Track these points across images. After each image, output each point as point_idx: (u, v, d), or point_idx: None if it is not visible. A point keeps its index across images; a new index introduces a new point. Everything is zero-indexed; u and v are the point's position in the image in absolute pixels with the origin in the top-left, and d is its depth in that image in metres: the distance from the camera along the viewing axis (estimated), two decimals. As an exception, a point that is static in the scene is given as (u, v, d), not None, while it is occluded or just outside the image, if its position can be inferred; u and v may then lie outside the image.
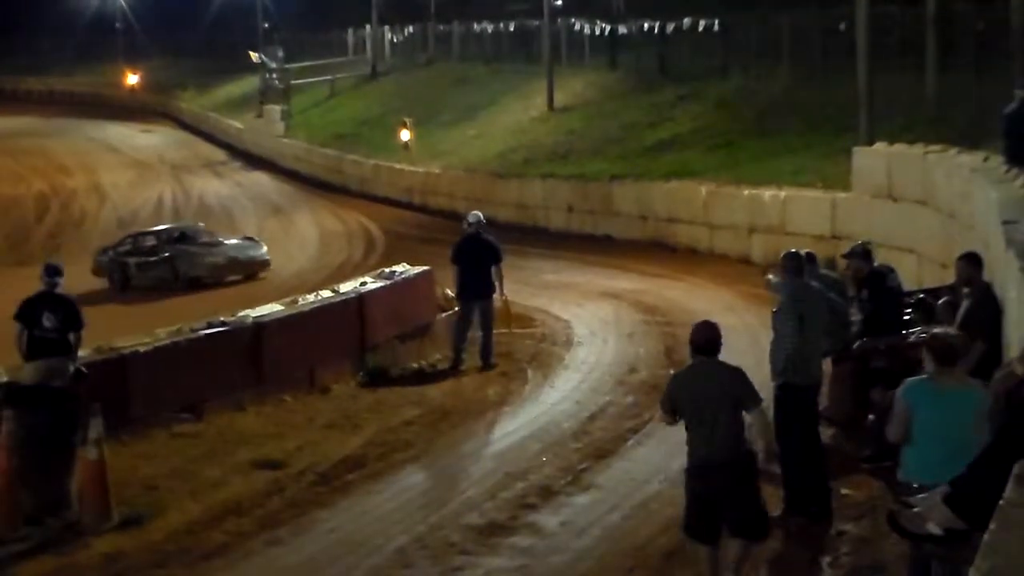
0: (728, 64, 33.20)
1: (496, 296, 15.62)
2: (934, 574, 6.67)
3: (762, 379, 10.83)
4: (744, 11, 33.42)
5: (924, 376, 6.56)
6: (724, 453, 7.38)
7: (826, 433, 10.43)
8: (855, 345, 10.52)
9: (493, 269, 15.44)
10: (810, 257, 11.10)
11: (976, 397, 6.30)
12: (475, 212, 16.78)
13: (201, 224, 30.24)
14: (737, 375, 7.54)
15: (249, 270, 26.87)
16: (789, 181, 23.18)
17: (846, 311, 10.61)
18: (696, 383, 7.52)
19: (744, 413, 7.50)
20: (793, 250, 9.58)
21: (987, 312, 9.03)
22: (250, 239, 28.48)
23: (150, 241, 27.50)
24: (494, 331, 15.53)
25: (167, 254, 26.52)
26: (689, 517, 7.65)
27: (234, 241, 28.07)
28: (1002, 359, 8.26)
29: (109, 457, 10.00)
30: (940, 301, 9.60)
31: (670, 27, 36.16)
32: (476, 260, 15.39)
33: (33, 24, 76.83)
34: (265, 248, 27.54)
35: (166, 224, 31.16)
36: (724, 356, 7.66)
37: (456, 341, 15.41)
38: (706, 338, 7.55)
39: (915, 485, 6.35)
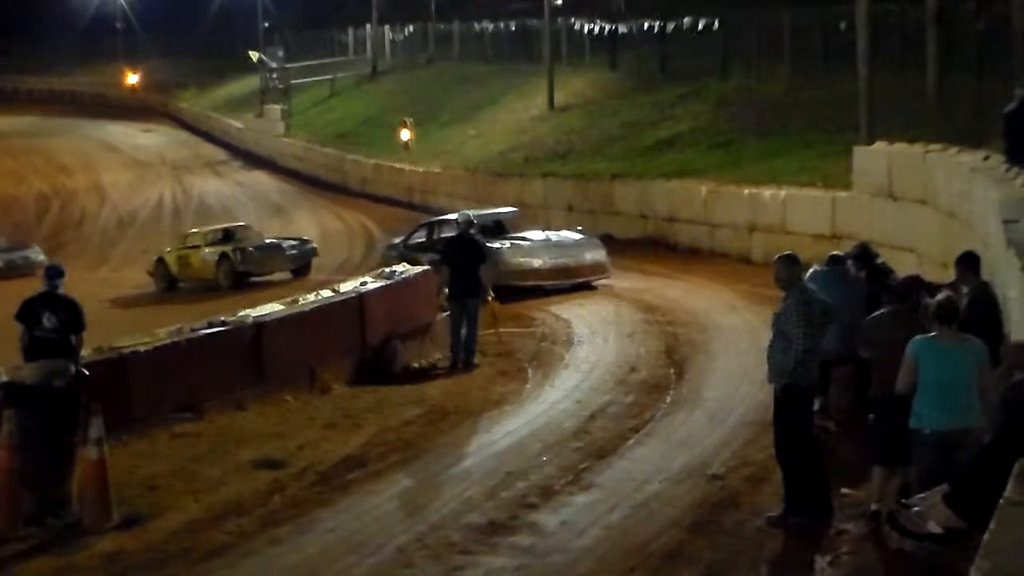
0: (728, 63, 33.19)
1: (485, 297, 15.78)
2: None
3: (761, 380, 10.86)
4: (744, 10, 33.42)
5: (928, 335, 7.58)
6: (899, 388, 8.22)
7: (827, 432, 10.46)
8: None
9: (481, 269, 15.54)
10: (838, 259, 11.17)
11: (972, 350, 7.49)
12: (464, 212, 16.83)
13: (515, 211, 23.56)
14: (917, 323, 8.27)
15: (578, 275, 20.46)
16: (789, 180, 23.20)
17: (853, 312, 10.64)
18: (889, 325, 8.56)
19: None
20: (789, 252, 9.56)
21: (985, 310, 9.04)
22: (581, 232, 21.95)
23: (448, 230, 20.92)
24: (480, 331, 15.65)
25: None
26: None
27: (561, 236, 21.55)
28: (1002, 357, 8.27)
29: (110, 457, 10.00)
30: (876, 312, 9.59)
31: (670, 26, 36.17)
32: (464, 260, 15.49)
33: (34, 24, 76.81)
34: (603, 250, 21.18)
35: (482, 208, 24.62)
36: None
37: (453, 342, 15.45)
38: (904, 284, 9.12)
39: (925, 431, 7.55)
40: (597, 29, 40.27)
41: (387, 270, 17.62)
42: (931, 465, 7.52)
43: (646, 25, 37.62)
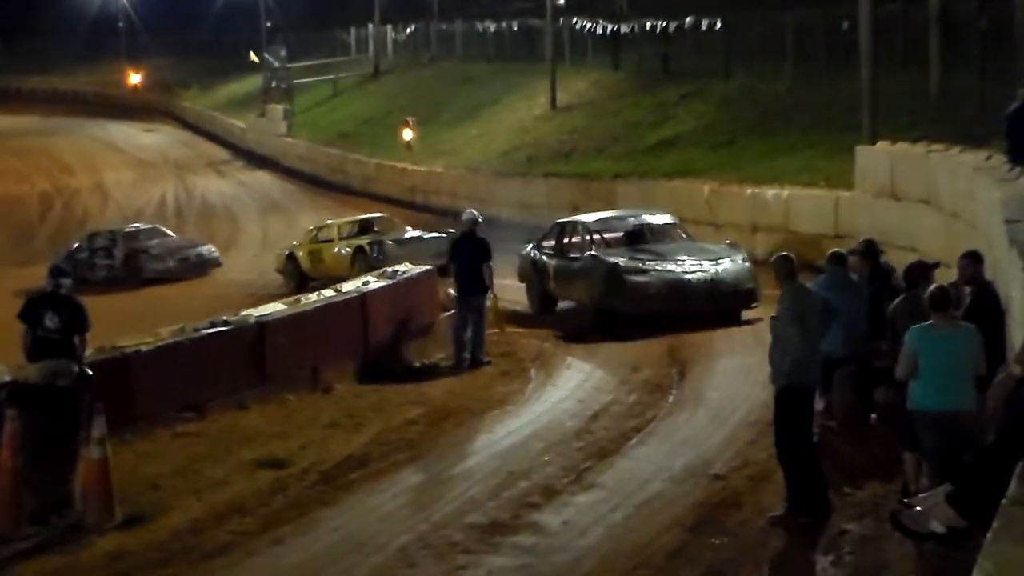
0: (731, 63, 33.17)
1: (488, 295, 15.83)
2: None
3: (764, 379, 10.86)
4: (747, 10, 33.40)
5: (925, 323, 8.00)
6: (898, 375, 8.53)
7: (830, 432, 10.46)
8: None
9: (484, 267, 15.58)
10: (839, 258, 11.15)
11: (966, 336, 7.93)
12: (470, 210, 16.88)
13: (668, 217, 19.21)
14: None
15: (716, 303, 16.53)
16: (792, 180, 23.17)
17: (855, 311, 10.64)
18: (904, 313, 8.80)
19: None
20: (784, 253, 9.53)
21: (988, 310, 9.04)
22: (732, 247, 17.90)
23: (578, 234, 18.65)
24: (486, 330, 15.70)
25: (585, 263, 17.53)
26: None
27: (700, 251, 17.46)
28: (1005, 357, 8.28)
29: (112, 456, 10.01)
30: (895, 301, 9.57)
31: (673, 26, 36.14)
32: (470, 258, 15.54)
33: (36, 23, 76.83)
34: (751, 271, 17.00)
35: (628, 210, 21.14)
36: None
37: (457, 340, 15.47)
38: (911, 271, 9.54)
39: (920, 412, 7.97)
40: (600, 29, 40.25)
41: (389, 269, 17.65)
42: (933, 445, 7.89)
43: (648, 25, 37.59)
